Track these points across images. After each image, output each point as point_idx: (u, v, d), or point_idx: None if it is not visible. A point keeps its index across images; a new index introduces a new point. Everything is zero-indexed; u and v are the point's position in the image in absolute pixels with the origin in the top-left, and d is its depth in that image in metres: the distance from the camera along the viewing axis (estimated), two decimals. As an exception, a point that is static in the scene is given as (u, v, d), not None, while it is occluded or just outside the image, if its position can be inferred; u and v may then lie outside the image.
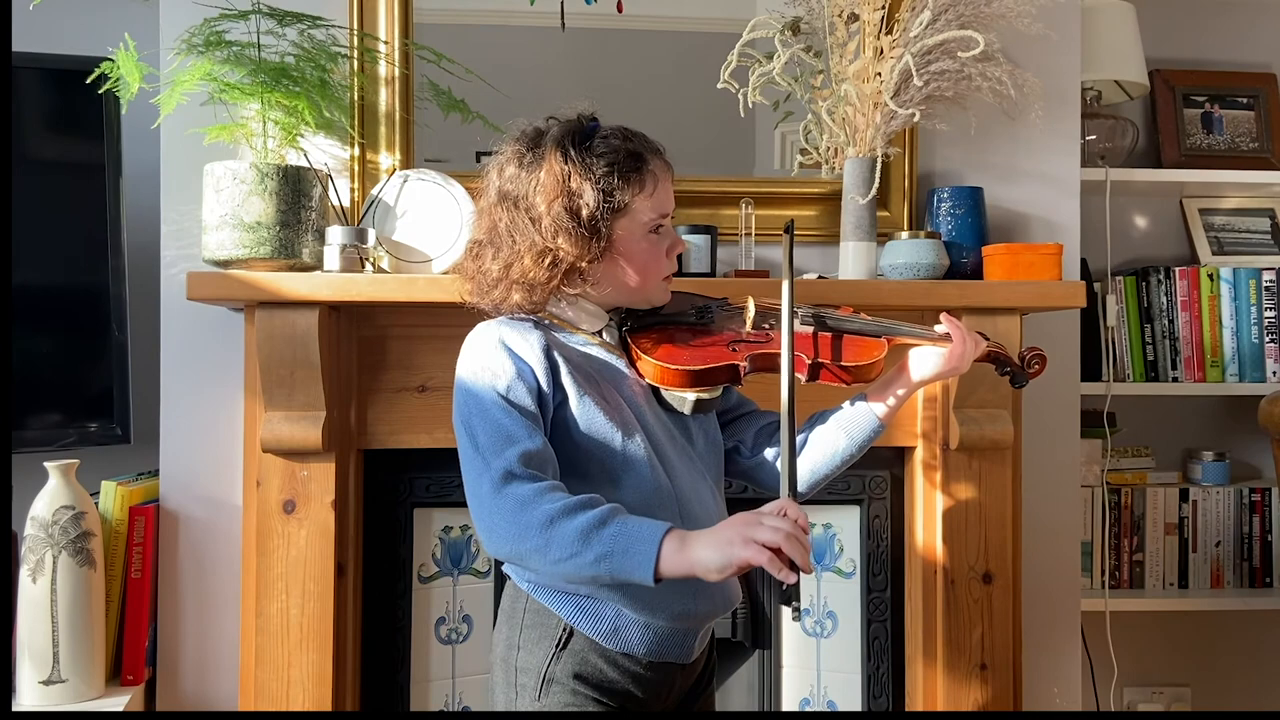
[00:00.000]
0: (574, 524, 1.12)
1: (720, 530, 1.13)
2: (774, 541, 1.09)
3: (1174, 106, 2.54)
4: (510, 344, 1.25)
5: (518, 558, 1.18)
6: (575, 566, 1.13)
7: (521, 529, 1.14)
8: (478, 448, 1.20)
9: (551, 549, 1.13)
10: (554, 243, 1.25)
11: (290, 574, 1.76)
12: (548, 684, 1.27)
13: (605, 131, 1.30)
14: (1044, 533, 2.07)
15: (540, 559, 1.14)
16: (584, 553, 1.12)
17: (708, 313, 1.42)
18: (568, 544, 1.12)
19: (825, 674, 1.99)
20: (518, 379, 1.23)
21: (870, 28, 1.85)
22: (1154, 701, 2.54)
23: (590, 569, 1.12)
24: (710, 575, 1.11)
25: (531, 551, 1.14)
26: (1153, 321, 2.42)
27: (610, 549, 1.11)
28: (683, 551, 1.11)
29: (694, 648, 1.35)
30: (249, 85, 1.70)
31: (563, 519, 1.13)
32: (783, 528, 1.10)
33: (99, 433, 1.91)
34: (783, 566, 1.09)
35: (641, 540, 1.11)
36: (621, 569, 1.11)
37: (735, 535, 1.11)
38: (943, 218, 1.96)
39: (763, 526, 1.11)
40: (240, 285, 1.65)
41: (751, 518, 1.13)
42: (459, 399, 1.26)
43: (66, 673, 1.70)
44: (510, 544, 1.16)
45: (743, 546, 1.10)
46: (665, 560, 1.11)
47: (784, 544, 1.09)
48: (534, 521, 1.13)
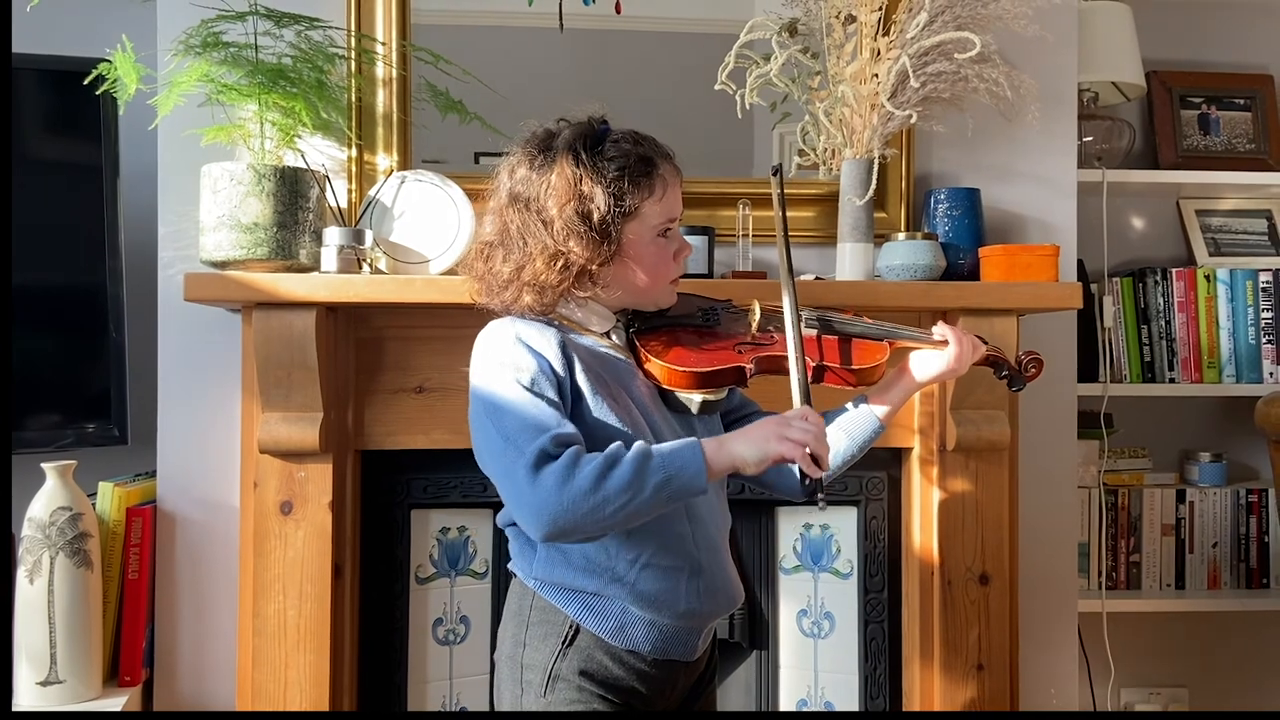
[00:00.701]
0: (620, 474, 1.17)
1: (754, 430, 1.25)
2: (804, 440, 1.22)
3: (1171, 108, 2.54)
4: (528, 340, 1.26)
5: (573, 528, 1.18)
6: (635, 508, 1.18)
7: (572, 500, 1.16)
8: (509, 440, 1.20)
9: (608, 504, 1.16)
10: (566, 245, 1.27)
11: (287, 575, 1.76)
12: (554, 681, 1.28)
13: (616, 135, 1.32)
14: (1041, 534, 2.07)
15: (596, 518, 1.17)
16: (642, 491, 1.17)
17: (713, 315, 1.43)
18: (623, 492, 1.17)
19: (822, 674, 1.99)
20: (540, 372, 1.24)
21: (867, 29, 1.85)
22: (1151, 702, 2.55)
23: (652, 501, 1.18)
24: (748, 468, 1.22)
25: (586, 515, 1.17)
26: (1149, 322, 2.43)
27: (665, 476, 1.18)
28: (722, 450, 1.22)
29: (698, 646, 1.37)
30: (246, 86, 1.70)
31: (608, 474, 1.17)
32: (811, 428, 1.23)
33: (96, 434, 1.91)
34: (811, 462, 1.21)
35: (687, 457, 1.20)
36: (681, 488, 1.19)
37: (770, 433, 1.23)
38: (939, 219, 1.96)
39: (793, 427, 1.23)
40: (237, 286, 1.65)
41: (781, 419, 1.26)
42: (480, 397, 1.26)
43: (64, 674, 1.69)
44: (564, 519, 1.17)
45: (778, 442, 1.22)
46: (711, 462, 1.21)
47: (812, 443, 1.22)
48: (581, 489, 1.16)
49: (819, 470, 1.22)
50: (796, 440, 1.21)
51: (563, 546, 1.29)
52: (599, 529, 1.20)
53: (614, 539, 1.28)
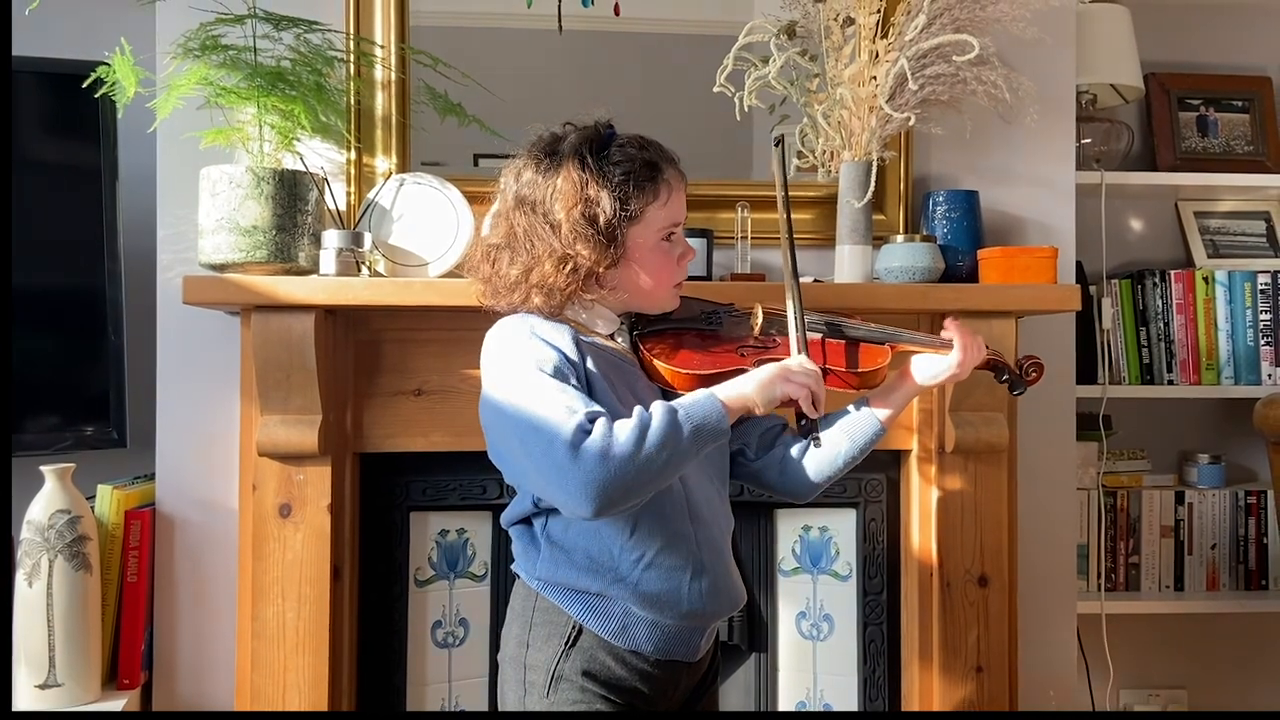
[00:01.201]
0: (655, 433, 1.20)
1: (760, 373, 1.31)
2: (805, 382, 1.31)
3: (1169, 110, 2.55)
4: (543, 334, 1.27)
5: (623, 494, 1.19)
6: (678, 457, 1.22)
7: (618, 468, 1.17)
8: (539, 427, 1.19)
9: (653, 463, 1.19)
10: (574, 249, 1.28)
11: (286, 578, 1.76)
12: (557, 681, 1.29)
13: (622, 140, 1.33)
14: (1040, 535, 2.07)
15: (644, 478, 1.19)
16: (679, 443, 1.21)
17: (716, 318, 1.44)
18: (663, 446, 1.20)
19: (822, 677, 1.99)
20: (560, 362, 1.25)
21: (866, 32, 1.85)
22: (1150, 703, 2.55)
23: (688, 452, 1.23)
24: (758, 409, 1.29)
25: (635, 477, 1.18)
26: (1148, 324, 2.43)
27: (695, 426, 1.23)
28: (734, 395, 1.28)
29: (700, 646, 1.37)
30: (245, 89, 1.70)
31: (644, 436, 1.19)
32: (812, 371, 1.33)
33: (95, 436, 1.91)
34: (811, 402, 1.31)
35: (708, 406, 1.26)
36: (710, 433, 1.25)
37: (775, 376, 1.31)
38: (938, 221, 1.96)
39: (796, 371, 1.32)
40: (236, 289, 1.65)
41: (783, 366, 1.33)
42: (503, 389, 1.25)
43: (62, 677, 1.69)
44: (612, 488, 1.17)
45: (783, 383, 1.30)
46: (729, 404, 1.27)
47: (812, 384, 1.32)
48: (625, 454, 1.17)
49: (816, 411, 1.32)
50: (800, 382, 1.30)
51: (567, 546, 1.30)
52: (650, 487, 1.22)
53: (617, 539, 1.29)
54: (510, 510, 1.37)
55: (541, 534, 1.33)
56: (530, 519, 1.34)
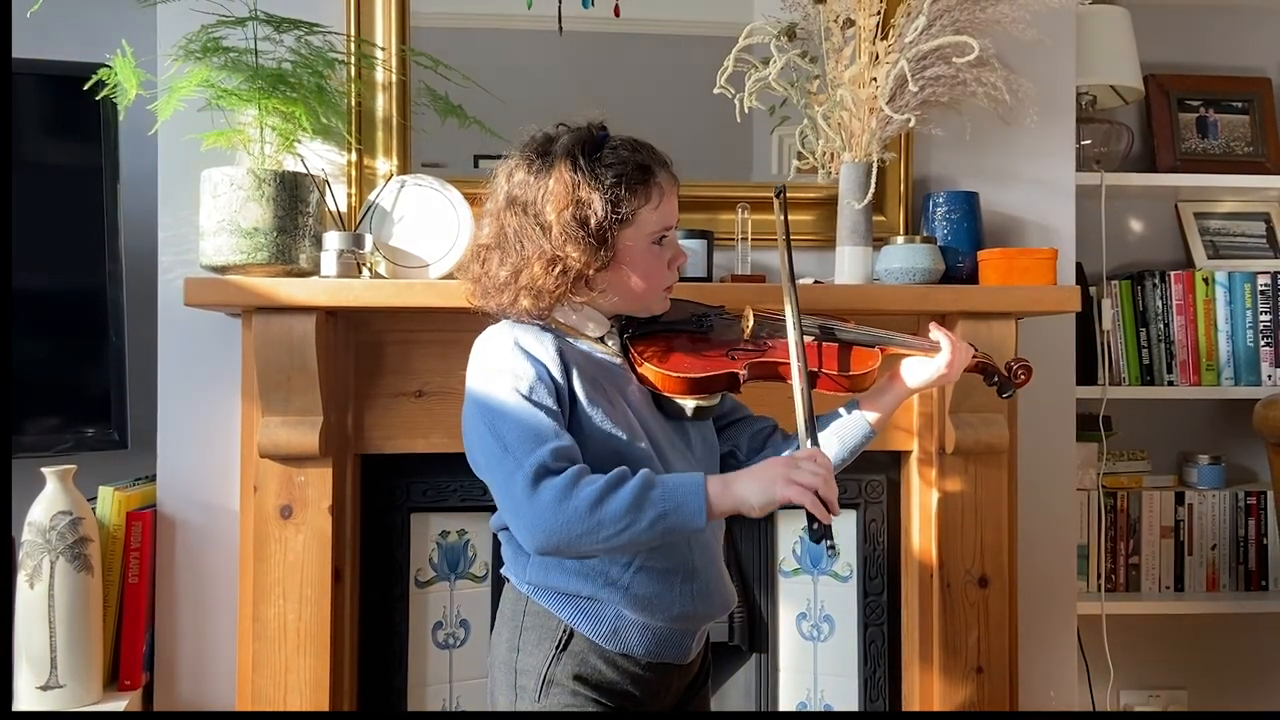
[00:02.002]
0: (619, 499, 1.16)
1: (761, 471, 1.21)
2: (812, 483, 1.18)
3: (1169, 111, 2.55)
4: (526, 346, 1.26)
5: (566, 546, 1.18)
6: (631, 536, 1.17)
7: (568, 519, 1.16)
8: (507, 449, 1.20)
9: (604, 528, 1.16)
10: (564, 250, 1.27)
11: (287, 579, 1.77)
12: (548, 685, 1.29)
13: (615, 142, 1.32)
14: (1040, 536, 2.07)
15: (592, 541, 1.16)
16: (639, 521, 1.16)
17: (706, 321, 1.44)
18: (620, 519, 1.16)
19: (822, 677, 1.99)
20: (538, 380, 1.24)
21: (866, 33, 1.85)
22: (1150, 704, 2.55)
23: (647, 533, 1.17)
24: (753, 512, 1.20)
25: (582, 536, 1.16)
26: (1148, 325, 2.43)
27: (663, 509, 1.17)
28: (727, 493, 1.19)
29: (691, 649, 1.37)
30: (246, 91, 1.70)
31: (607, 498, 1.16)
32: (820, 471, 1.19)
33: (96, 438, 1.91)
34: (820, 505, 1.18)
35: (688, 493, 1.18)
36: (677, 524, 1.18)
37: (777, 475, 1.19)
38: (938, 222, 1.97)
39: (801, 470, 1.19)
40: (237, 291, 1.65)
41: (788, 461, 1.22)
42: (477, 403, 1.26)
43: (64, 678, 1.70)
44: (558, 536, 1.17)
45: (785, 486, 1.18)
46: (714, 502, 1.18)
47: (820, 486, 1.18)
48: (579, 508, 1.15)
49: (828, 515, 1.18)
50: (804, 484, 1.18)
51: None
52: (593, 551, 1.19)
53: None
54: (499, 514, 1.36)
55: None
56: None
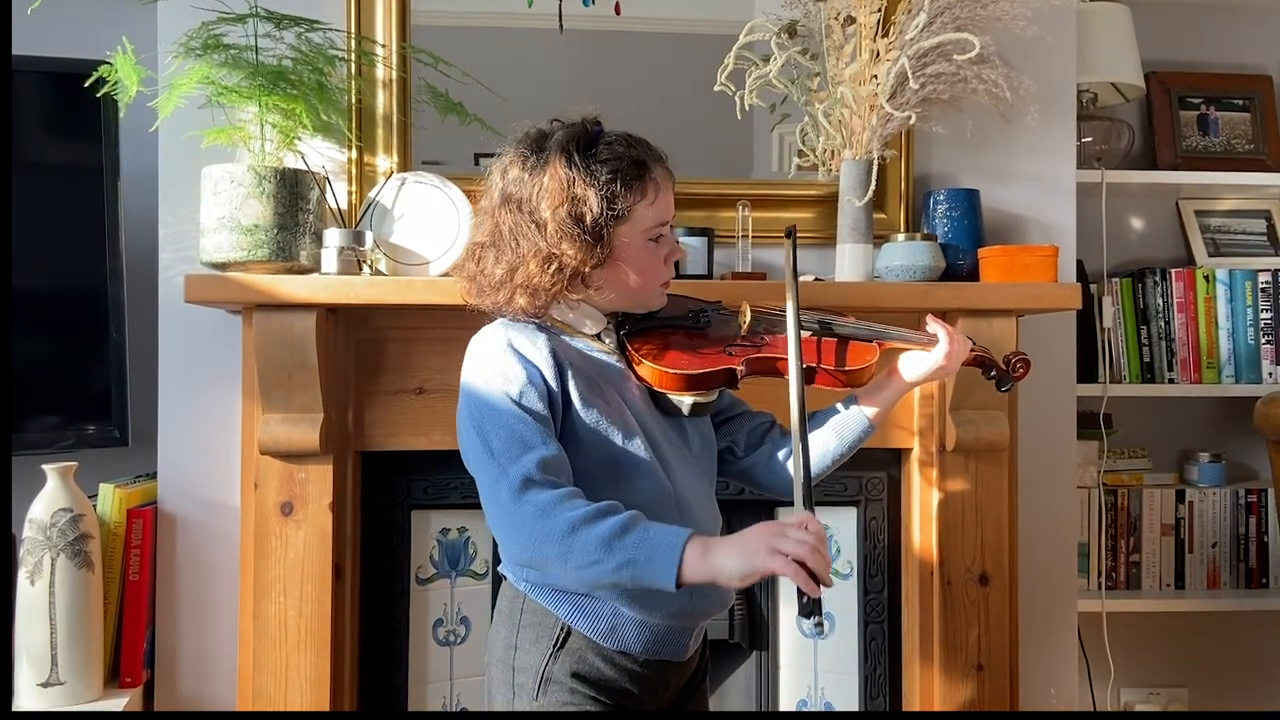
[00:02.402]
0: (595, 532, 1.13)
1: (744, 539, 1.14)
2: (799, 554, 1.10)
3: (1170, 109, 2.55)
4: (519, 348, 1.26)
5: (537, 564, 1.18)
6: (597, 573, 1.14)
7: (542, 536, 1.14)
8: (493, 454, 1.20)
9: (573, 556, 1.13)
10: (559, 248, 1.26)
11: (288, 576, 1.77)
12: (545, 683, 1.28)
13: (609, 138, 1.31)
14: (1040, 534, 2.07)
15: (561, 566, 1.15)
16: (606, 560, 1.12)
17: (704, 316, 1.43)
18: (590, 551, 1.13)
19: (822, 675, 1.99)
20: (529, 384, 1.23)
21: (866, 30, 1.85)
22: (1151, 702, 2.55)
23: (612, 575, 1.13)
24: (732, 583, 1.13)
25: (553, 558, 1.14)
26: (1149, 323, 2.43)
27: (633, 556, 1.12)
28: (705, 558, 1.12)
29: (689, 646, 1.36)
30: (247, 88, 1.70)
31: (584, 527, 1.13)
32: (807, 540, 1.11)
33: (97, 435, 1.91)
34: (807, 579, 1.10)
35: (664, 548, 1.12)
36: (644, 576, 1.12)
37: (760, 545, 1.12)
38: (939, 220, 1.97)
39: (787, 539, 1.11)
40: (238, 288, 1.65)
41: (775, 528, 1.14)
42: (468, 404, 1.26)
43: (65, 675, 1.70)
44: (531, 551, 1.16)
45: (768, 557, 1.11)
46: (687, 567, 1.11)
47: (808, 557, 1.10)
48: (555, 529, 1.14)
49: (816, 590, 1.10)
50: (789, 553, 1.10)
51: None
52: (562, 578, 1.18)
53: None
54: None
55: None
56: None
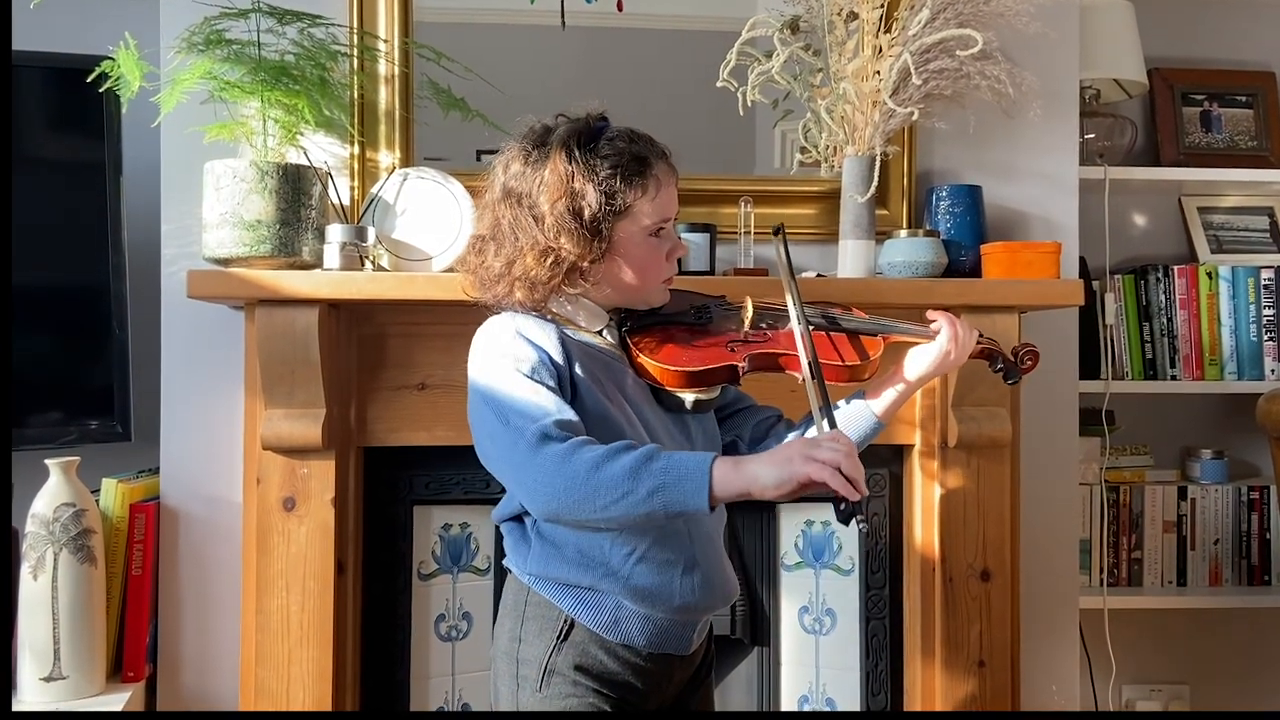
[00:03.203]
0: (619, 465, 1.13)
1: (777, 451, 1.17)
2: (834, 460, 1.12)
3: (1173, 105, 2.54)
4: (528, 334, 1.27)
5: (566, 511, 1.17)
6: (627, 506, 1.13)
7: (566, 482, 1.14)
8: (508, 423, 1.20)
9: (600, 494, 1.13)
10: (556, 242, 1.26)
11: (290, 571, 1.77)
12: (549, 675, 1.29)
13: (612, 133, 1.31)
14: (1042, 530, 2.07)
15: (589, 507, 1.15)
16: (635, 490, 1.13)
17: (706, 312, 1.42)
18: (616, 485, 1.13)
19: (824, 671, 2.00)
20: (540, 363, 1.24)
21: (869, 26, 1.85)
22: (1152, 699, 2.55)
23: (643, 505, 1.13)
24: (768, 493, 1.14)
25: (580, 501, 1.14)
26: (1151, 320, 2.43)
27: (662, 481, 1.13)
28: (738, 471, 1.14)
29: (692, 639, 1.37)
30: (249, 84, 1.70)
31: (607, 463, 1.14)
32: (840, 448, 1.13)
33: (100, 430, 1.92)
34: (844, 483, 1.11)
35: (692, 468, 1.13)
36: (675, 499, 1.13)
37: (796, 454, 1.14)
38: (941, 216, 1.96)
39: (821, 448, 1.13)
40: (240, 283, 1.65)
41: (808, 440, 1.17)
42: (480, 388, 1.26)
43: (67, 669, 1.70)
44: (556, 499, 1.16)
45: (804, 463, 1.12)
46: (719, 483, 1.13)
47: (844, 461, 1.12)
48: (578, 471, 1.14)
49: (854, 493, 1.11)
50: (825, 460, 1.12)
51: (558, 541, 1.30)
52: (592, 520, 1.17)
53: (609, 534, 1.28)
54: (501, 506, 1.36)
55: (532, 529, 1.32)
56: (521, 514, 1.34)
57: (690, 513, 1.15)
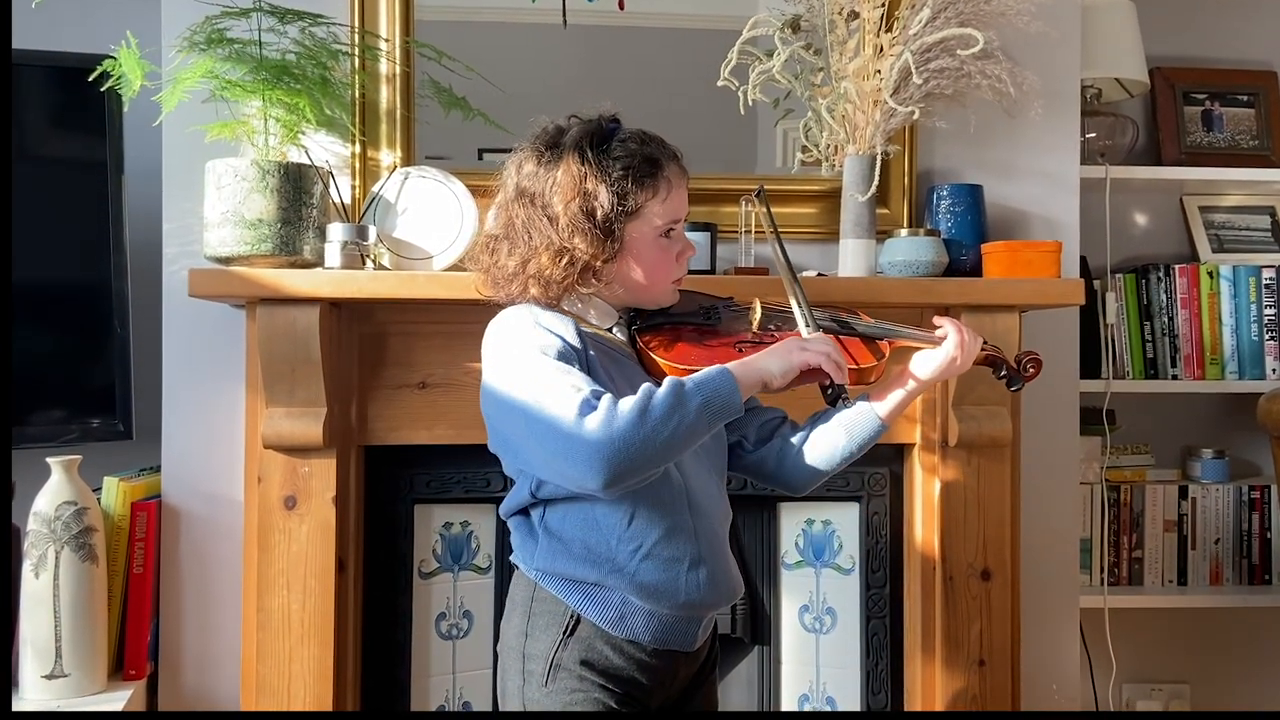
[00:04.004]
0: (661, 401, 1.19)
1: (774, 348, 1.32)
2: (824, 350, 1.31)
3: (1174, 104, 2.54)
4: (546, 323, 1.28)
5: (629, 463, 1.18)
6: (684, 431, 1.21)
7: (622, 436, 1.17)
8: (543, 405, 1.20)
9: (659, 432, 1.18)
10: (570, 242, 1.28)
11: (291, 570, 1.77)
12: (555, 670, 1.30)
13: (624, 135, 1.33)
14: (1043, 530, 2.07)
15: (650, 447, 1.18)
16: (685, 415, 1.20)
17: (715, 313, 1.44)
18: (669, 417, 1.19)
19: (824, 670, 2.00)
20: (563, 347, 1.26)
21: (870, 25, 1.85)
22: (1152, 698, 2.55)
23: (694, 423, 1.21)
24: (774, 380, 1.29)
25: (641, 446, 1.18)
26: (1152, 319, 2.43)
27: (705, 398, 1.22)
28: (749, 368, 1.28)
29: (697, 636, 1.38)
30: (250, 83, 1.70)
31: (650, 407, 1.19)
32: (827, 340, 1.34)
33: (101, 429, 1.92)
34: (835, 366, 1.31)
35: (720, 379, 1.24)
36: (720, 407, 1.23)
37: (791, 346, 1.32)
38: (942, 215, 1.96)
39: (811, 341, 1.33)
40: (241, 282, 1.66)
41: (797, 338, 1.35)
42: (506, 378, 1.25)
43: (69, 667, 1.70)
44: (617, 456, 1.17)
45: (800, 352, 1.30)
46: (741, 381, 1.25)
47: (831, 350, 1.32)
48: (627, 425, 1.17)
49: (841, 375, 1.31)
50: (818, 349, 1.30)
51: (564, 537, 1.31)
52: (656, 460, 1.21)
53: (615, 530, 1.29)
54: (508, 501, 1.37)
55: (539, 525, 1.33)
56: (528, 510, 1.35)
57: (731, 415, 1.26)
